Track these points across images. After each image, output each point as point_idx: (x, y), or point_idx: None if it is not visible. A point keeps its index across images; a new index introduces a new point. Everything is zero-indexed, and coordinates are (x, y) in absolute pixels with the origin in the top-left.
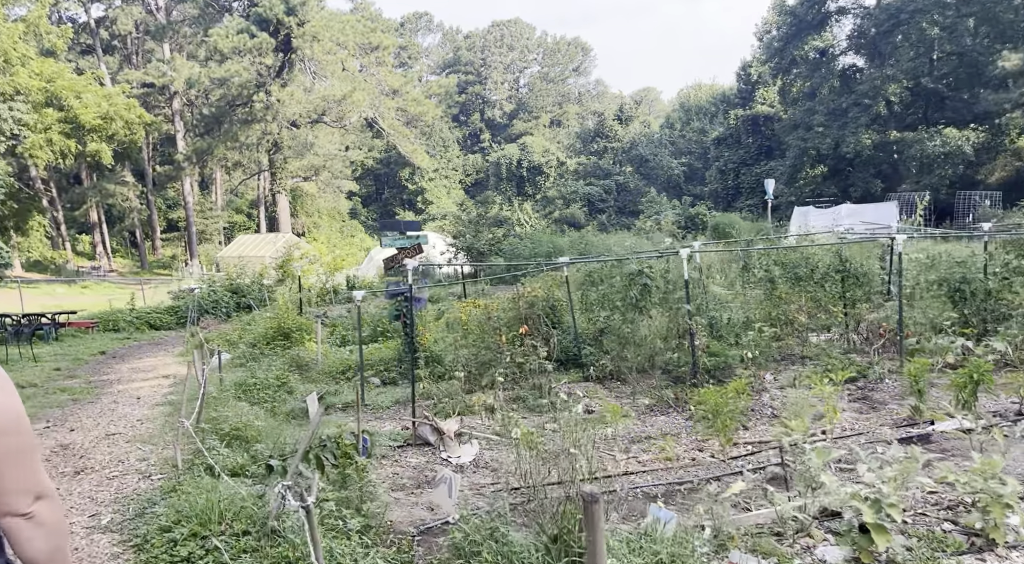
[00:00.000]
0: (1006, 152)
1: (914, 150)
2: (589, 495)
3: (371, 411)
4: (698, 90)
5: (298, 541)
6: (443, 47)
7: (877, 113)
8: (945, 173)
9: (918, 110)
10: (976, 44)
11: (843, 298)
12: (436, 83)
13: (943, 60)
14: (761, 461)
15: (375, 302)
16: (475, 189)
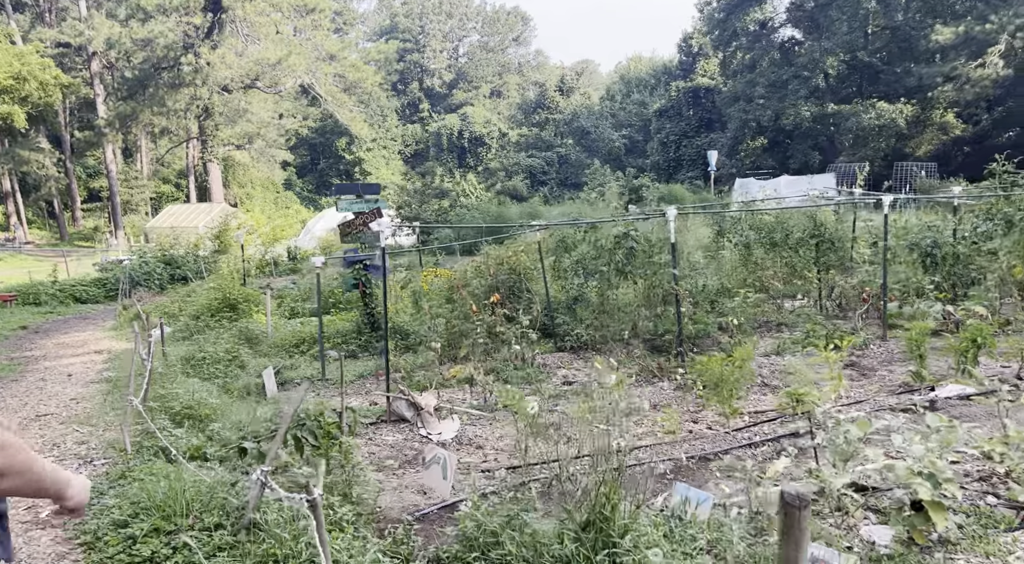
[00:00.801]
0: (933, 125)
1: (850, 122)
2: (796, 497)
3: (333, 385)
4: (638, 62)
5: (286, 536)
6: (379, 13)
7: (816, 86)
8: (879, 145)
9: (853, 83)
10: (908, 19)
11: (816, 264)
12: (375, 49)
13: (877, 34)
14: (767, 432)
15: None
16: (415, 160)
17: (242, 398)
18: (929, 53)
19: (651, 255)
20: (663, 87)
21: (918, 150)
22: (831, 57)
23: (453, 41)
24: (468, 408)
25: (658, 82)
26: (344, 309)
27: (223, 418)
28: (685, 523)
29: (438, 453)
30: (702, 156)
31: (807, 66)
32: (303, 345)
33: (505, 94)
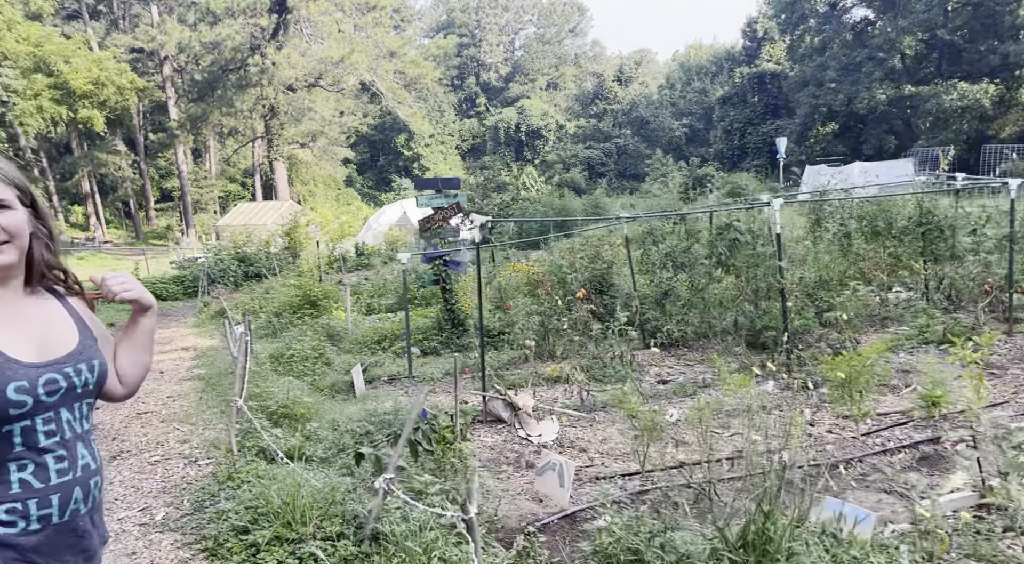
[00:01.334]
0: (1019, 106)
1: (929, 105)
2: None
3: (422, 384)
4: (698, 49)
5: (417, 549)
6: (436, 9)
7: (891, 67)
8: (961, 128)
9: (931, 63)
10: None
11: (923, 254)
12: (434, 44)
13: (958, 11)
14: (901, 437)
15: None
16: (472, 154)
17: (332, 396)
18: (1015, 29)
19: (755, 247)
20: (726, 74)
21: (1002, 132)
22: (908, 36)
23: (509, 34)
24: (565, 408)
25: (720, 69)
26: (420, 305)
27: (317, 417)
28: (843, 543)
29: (553, 459)
30: (767, 143)
31: (882, 47)
32: (384, 341)
33: (562, 86)
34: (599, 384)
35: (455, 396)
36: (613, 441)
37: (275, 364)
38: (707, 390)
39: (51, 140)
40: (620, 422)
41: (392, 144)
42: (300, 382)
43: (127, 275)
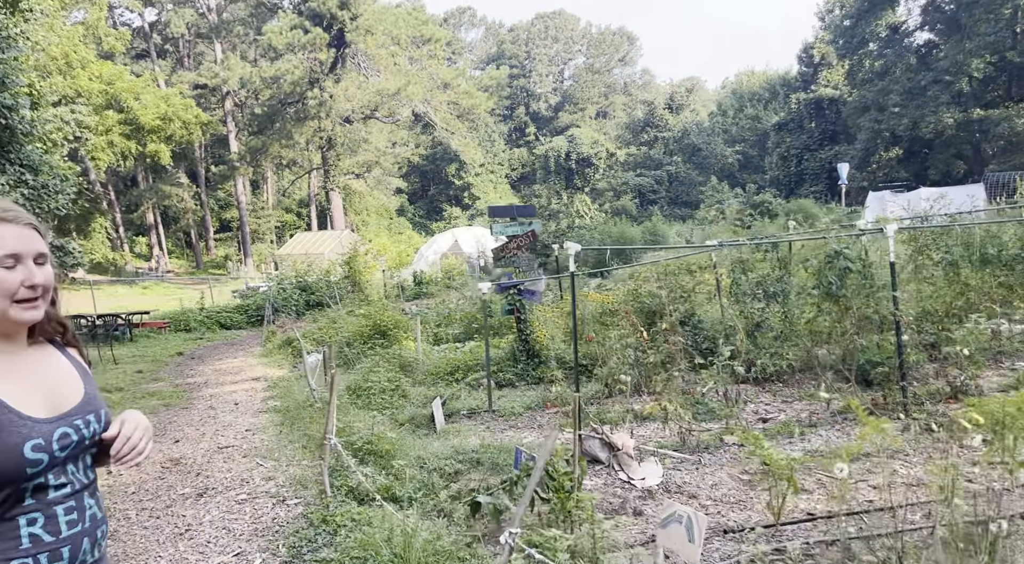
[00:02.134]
0: None
1: (1001, 128)
2: None
3: (502, 418)
4: (750, 76)
5: None
6: (486, 42)
7: (959, 90)
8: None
9: (1000, 86)
10: None
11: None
12: (487, 75)
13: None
14: None
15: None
16: (521, 183)
17: (412, 431)
18: None
19: (865, 276)
20: (781, 100)
21: None
22: (976, 59)
23: (559, 64)
24: (665, 449)
25: (773, 95)
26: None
27: (401, 454)
28: None
29: (679, 509)
30: (825, 169)
31: (948, 70)
32: (457, 373)
33: (611, 114)
34: (697, 423)
35: (575, 437)
36: (725, 487)
37: (353, 397)
38: (814, 429)
39: (119, 173)
40: (730, 465)
41: (443, 173)
42: (380, 415)
43: (142, 429)
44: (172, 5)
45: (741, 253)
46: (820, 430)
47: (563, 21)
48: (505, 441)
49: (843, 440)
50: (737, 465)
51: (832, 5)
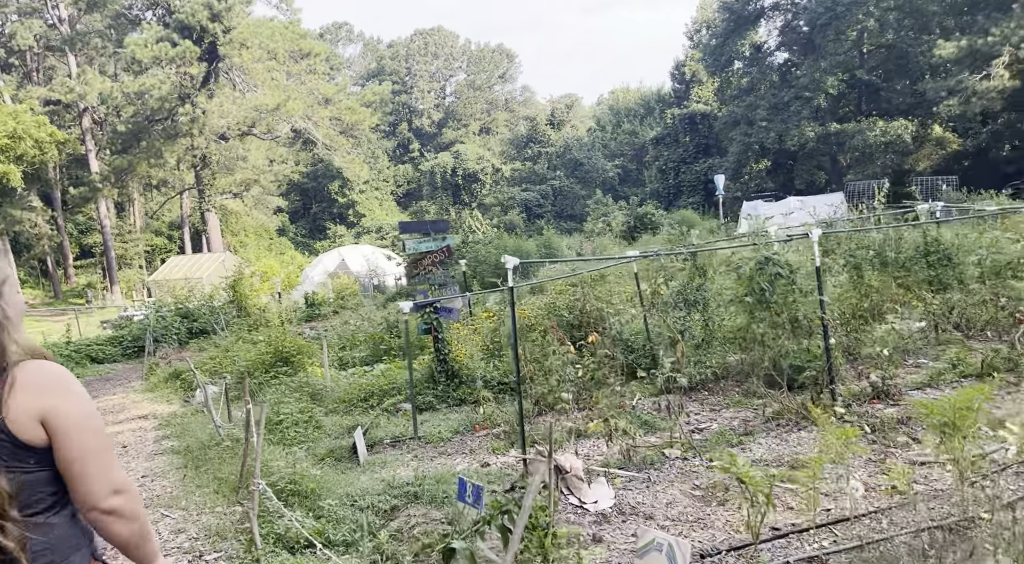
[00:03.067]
0: (931, 141)
1: (856, 140)
2: None
3: (430, 445)
4: (626, 93)
5: None
6: (365, 58)
7: (817, 106)
8: (886, 162)
9: (852, 102)
10: (902, 36)
11: (930, 283)
12: (369, 90)
13: (872, 53)
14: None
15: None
16: (407, 200)
17: (333, 465)
18: (929, 68)
19: (793, 281)
20: (657, 115)
21: (918, 165)
22: (830, 77)
23: (440, 81)
24: (610, 467)
25: (648, 111)
26: (398, 356)
27: (328, 492)
28: None
29: (658, 537)
30: (701, 181)
31: (807, 87)
32: (372, 399)
33: (494, 130)
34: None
35: (548, 463)
36: (680, 505)
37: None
38: (751, 438)
39: None
40: (679, 481)
41: (325, 191)
42: (297, 450)
43: None
44: (17, 16)
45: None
46: (757, 438)
47: (442, 38)
48: (438, 469)
49: (783, 448)
50: (687, 480)
51: (699, 26)
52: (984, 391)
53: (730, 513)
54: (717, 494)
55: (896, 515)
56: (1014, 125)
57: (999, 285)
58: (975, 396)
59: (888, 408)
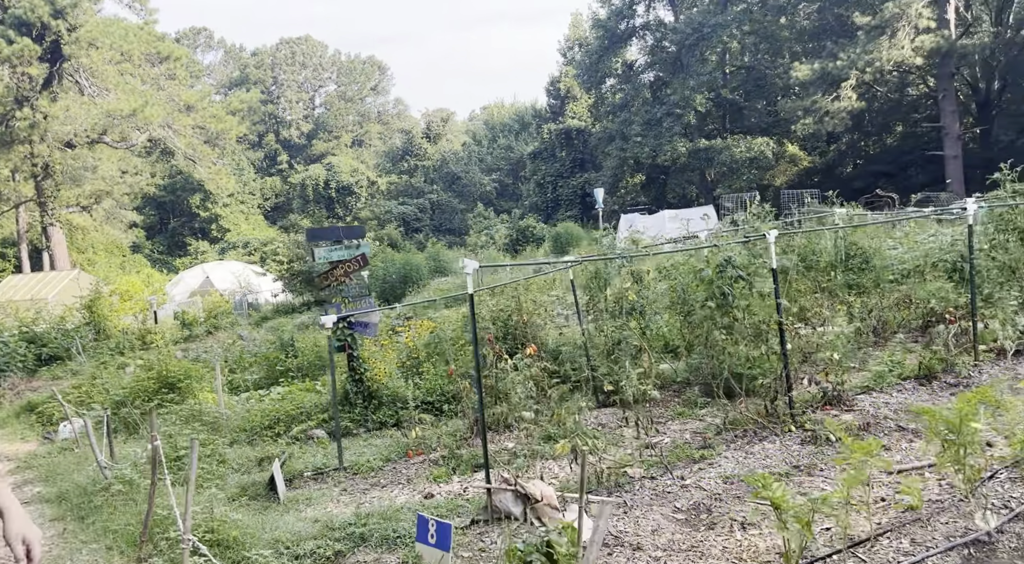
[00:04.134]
0: (785, 158)
1: (723, 156)
2: None
3: (359, 476)
4: (500, 108)
5: None
6: (227, 65)
7: (688, 122)
8: (751, 177)
9: (716, 120)
10: (760, 59)
11: (850, 287)
12: (236, 98)
13: (734, 74)
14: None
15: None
16: (276, 214)
17: (248, 504)
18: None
19: (751, 284)
20: (534, 130)
21: (775, 180)
22: (698, 95)
23: (309, 91)
24: (574, 493)
25: (523, 126)
26: (296, 377)
27: (253, 539)
28: None
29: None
30: (578, 195)
31: (678, 104)
32: (277, 426)
33: (368, 143)
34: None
35: (580, 506)
36: (666, 532)
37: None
38: (712, 451)
39: None
40: (657, 504)
41: (185, 205)
42: (206, 490)
43: None
44: None
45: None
46: (720, 451)
47: (310, 47)
48: (377, 505)
49: (752, 461)
50: (664, 502)
51: (572, 43)
52: (987, 396)
53: (724, 539)
54: (702, 517)
55: (915, 532)
56: (856, 144)
57: (914, 287)
58: (975, 403)
59: (844, 414)
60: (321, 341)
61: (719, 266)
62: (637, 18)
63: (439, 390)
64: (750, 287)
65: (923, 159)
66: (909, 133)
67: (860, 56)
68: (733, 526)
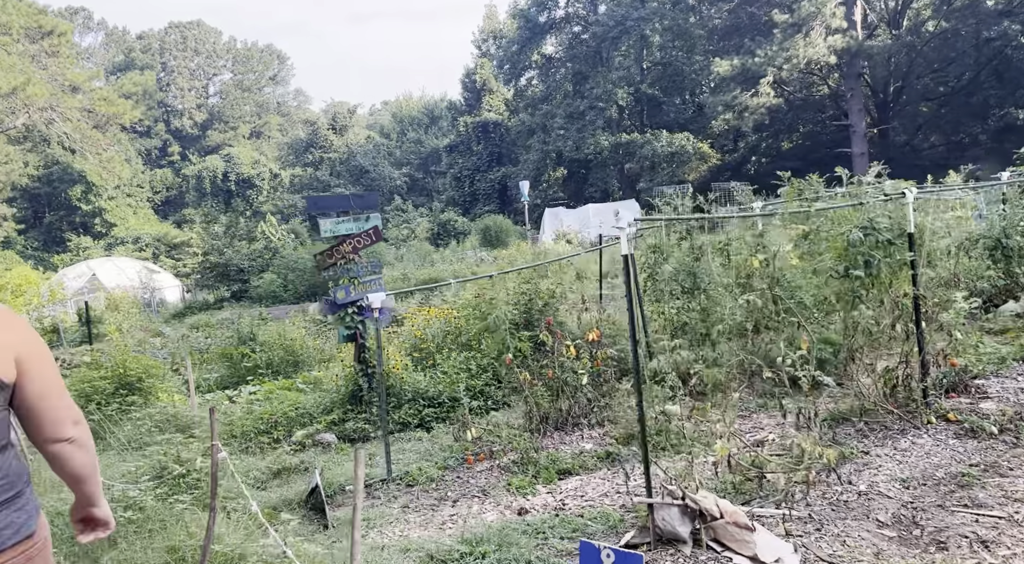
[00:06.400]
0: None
1: (645, 150)
2: None
3: (417, 488)
4: (408, 101)
5: None
6: (108, 49)
7: (610, 116)
8: (674, 171)
9: (635, 115)
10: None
11: None
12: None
13: (651, 69)
14: None
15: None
16: (167, 208)
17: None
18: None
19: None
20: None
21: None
22: (620, 89)
23: (202, 79)
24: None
25: (432, 120)
26: (265, 375)
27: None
28: None
29: None
30: (496, 189)
31: (600, 97)
32: (276, 430)
33: (267, 134)
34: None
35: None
36: (893, 556)
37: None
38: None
39: None
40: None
41: (64, 197)
42: (231, 512)
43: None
44: None
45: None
46: (870, 449)
47: (203, 33)
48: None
49: (917, 461)
50: (857, 515)
51: (486, 35)
52: None
53: (965, 561)
54: (915, 533)
55: None
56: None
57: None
58: None
59: (980, 402)
60: (291, 333)
61: (864, 228)
62: (559, 9)
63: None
64: (898, 254)
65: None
66: (814, 131)
67: (778, 53)
68: (972, 545)
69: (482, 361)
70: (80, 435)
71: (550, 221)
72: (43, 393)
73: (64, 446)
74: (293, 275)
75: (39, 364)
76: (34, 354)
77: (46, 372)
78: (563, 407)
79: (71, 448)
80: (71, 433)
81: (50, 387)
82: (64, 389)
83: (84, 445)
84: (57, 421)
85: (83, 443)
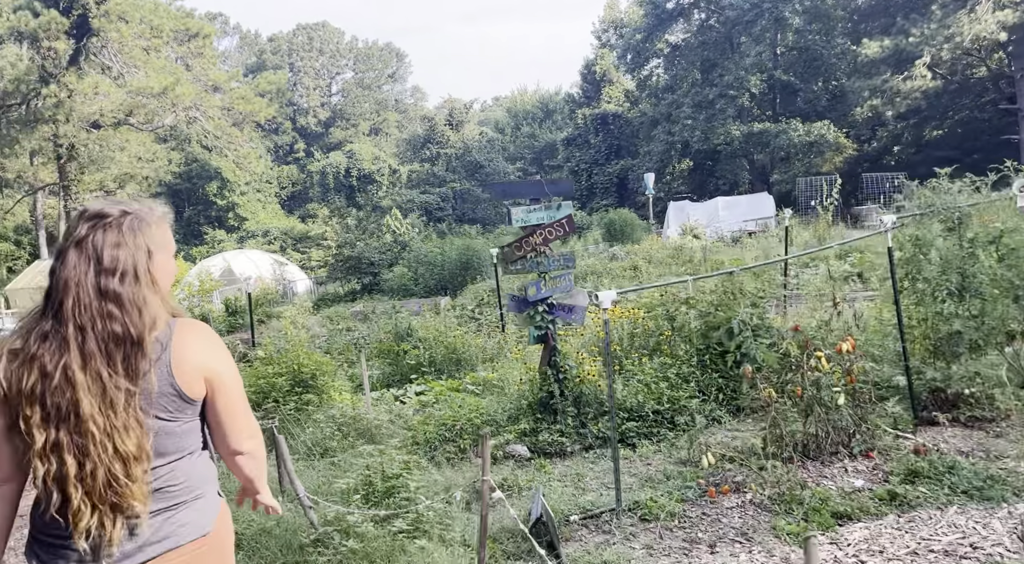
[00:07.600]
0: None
1: (780, 140)
2: None
3: (658, 524)
4: (523, 96)
5: None
6: (242, 52)
7: (742, 105)
8: (812, 162)
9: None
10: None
11: None
12: (264, 79)
13: (784, 54)
14: None
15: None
16: (291, 203)
17: None
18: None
19: None
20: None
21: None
22: (752, 76)
23: (326, 78)
24: None
25: (547, 114)
26: (428, 373)
27: None
28: None
29: None
30: (614, 183)
31: (731, 85)
32: (461, 439)
33: (385, 131)
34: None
35: None
36: None
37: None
38: None
39: None
40: None
41: (201, 193)
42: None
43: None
44: None
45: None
46: None
47: (327, 33)
48: None
49: None
50: None
51: (607, 25)
52: None
53: None
54: None
55: None
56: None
57: None
58: None
59: None
60: (452, 330)
61: None
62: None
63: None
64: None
65: (992, 144)
66: (971, 117)
67: (938, 31)
68: None
69: (681, 369)
70: (253, 448)
71: (675, 215)
72: (227, 410)
73: (240, 457)
74: (423, 269)
75: (227, 384)
76: (224, 375)
77: (232, 392)
78: (813, 431)
79: (245, 459)
80: (246, 447)
81: (234, 405)
82: (246, 406)
83: (256, 457)
84: (236, 435)
85: (255, 455)
